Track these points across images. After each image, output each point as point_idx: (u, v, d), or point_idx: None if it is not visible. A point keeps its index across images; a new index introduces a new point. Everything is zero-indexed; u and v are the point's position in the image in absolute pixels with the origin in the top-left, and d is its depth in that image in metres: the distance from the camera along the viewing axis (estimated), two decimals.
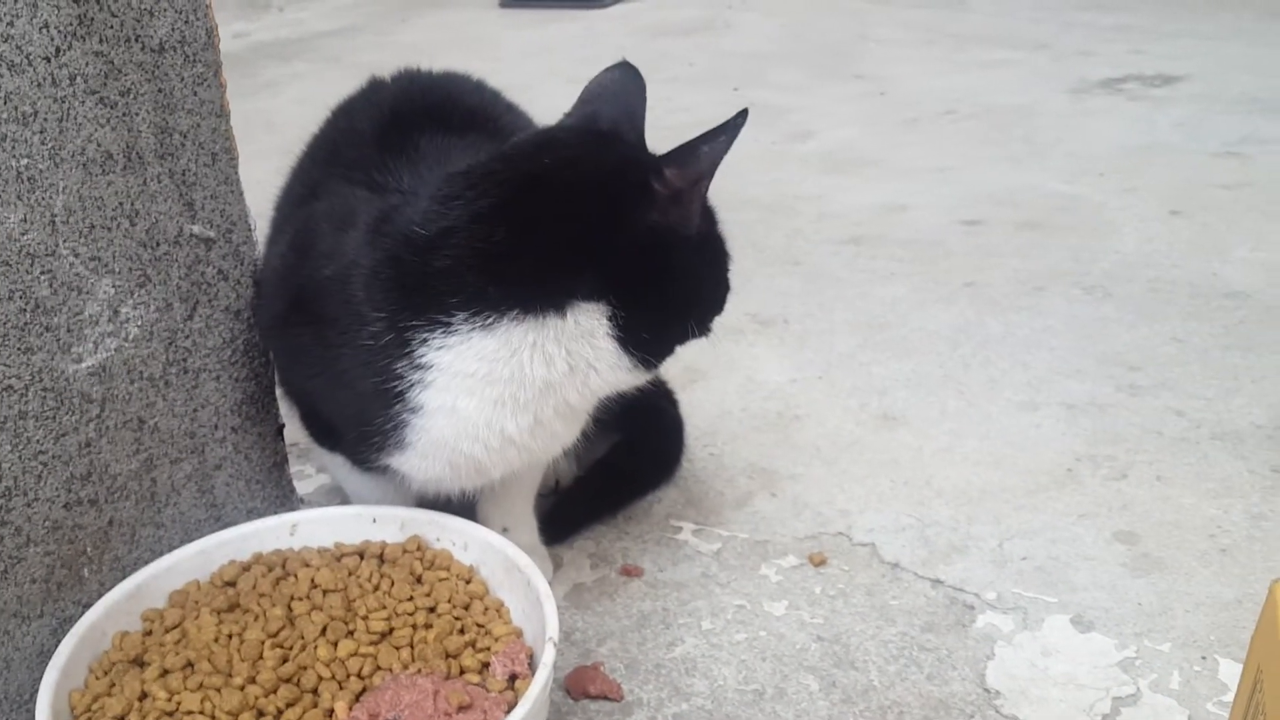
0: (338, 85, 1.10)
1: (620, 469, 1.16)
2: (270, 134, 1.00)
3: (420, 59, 1.14)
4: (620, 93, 0.90)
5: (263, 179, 1.04)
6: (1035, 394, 1.35)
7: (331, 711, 0.79)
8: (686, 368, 1.42)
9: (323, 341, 0.86)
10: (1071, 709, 0.89)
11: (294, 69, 3.18)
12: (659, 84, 2.90)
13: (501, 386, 0.82)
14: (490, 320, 0.80)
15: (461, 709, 0.79)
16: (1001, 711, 0.89)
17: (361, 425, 0.87)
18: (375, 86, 1.03)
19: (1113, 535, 1.09)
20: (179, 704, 0.80)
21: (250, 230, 0.96)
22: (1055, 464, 1.21)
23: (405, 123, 0.95)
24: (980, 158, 2.24)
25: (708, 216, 0.90)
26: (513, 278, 0.80)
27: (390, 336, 0.81)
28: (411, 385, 0.82)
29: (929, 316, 1.56)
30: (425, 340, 0.81)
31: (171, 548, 0.92)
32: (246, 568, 0.93)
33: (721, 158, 0.81)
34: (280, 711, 0.80)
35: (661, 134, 0.89)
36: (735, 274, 0.95)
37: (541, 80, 2.91)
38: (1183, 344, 1.45)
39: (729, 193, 0.81)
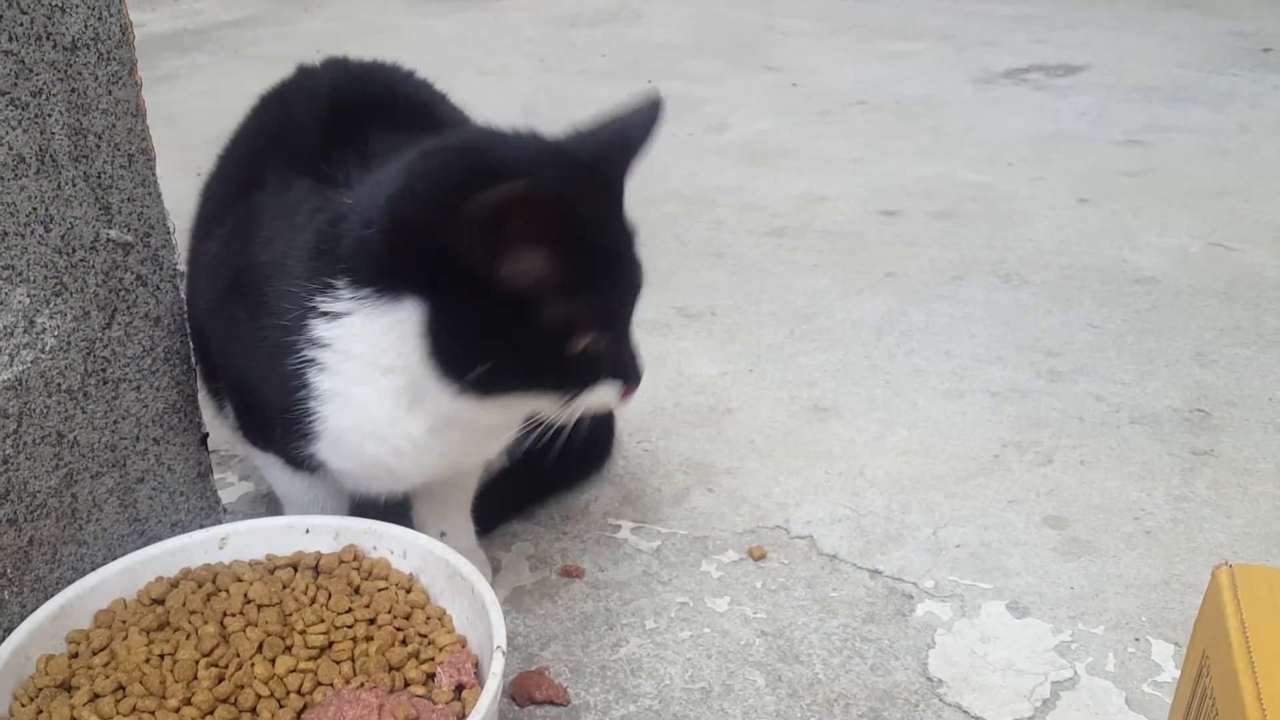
0: (239, 77, 1.08)
1: (548, 461, 1.15)
2: (171, 128, 0.96)
3: (325, 49, 1.11)
4: (631, 128, 0.88)
5: (165, 174, 1.00)
6: (959, 382, 1.38)
7: None
8: None
9: (255, 322, 0.85)
10: (1013, 695, 0.90)
11: (193, 60, 3.08)
12: (571, 76, 2.91)
13: (393, 378, 0.81)
14: (365, 297, 0.79)
15: None
16: (945, 700, 0.90)
17: (283, 412, 0.85)
18: (307, 75, 1.00)
19: (1042, 520, 1.11)
20: None
21: (169, 233, 0.93)
22: (982, 451, 1.23)
23: (347, 113, 0.92)
24: (893, 148, 2.27)
25: (552, 289, 0.78)
26: (383, 262, 0.79)
27: (296, 313, 0.81)
28: (311, 365, 0.82)
29: (853, 307, 1.58)
30: (321, 314, 0.80)
31: (95, 566, 0.89)
32: (175, 584, 0.89)
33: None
34: None
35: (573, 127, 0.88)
36: (660, 269, 0.95)
37: (453, 72, 2.86)
38: (1098, 330, 1.49)
39: (651, 186, 0.81)
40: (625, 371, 0.88)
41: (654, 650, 0.97)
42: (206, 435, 1.00)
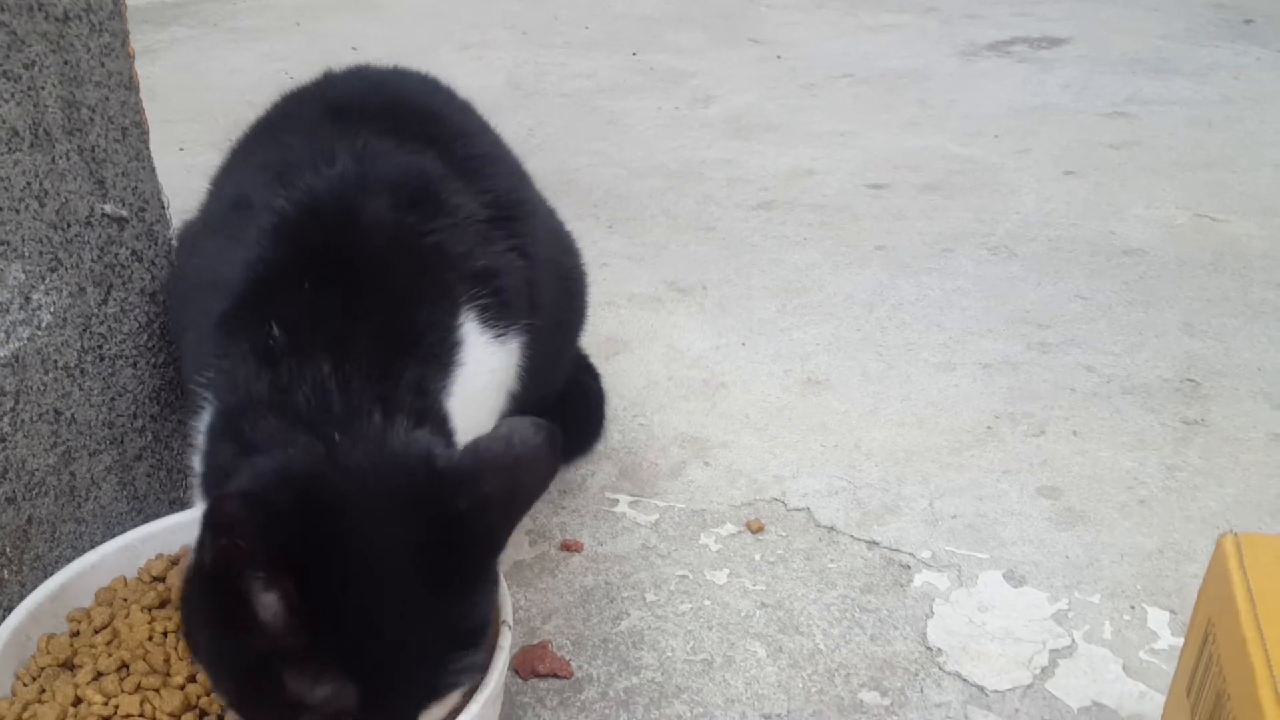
0: (218, 51, 1.06)
1: None
2: (151, 102, 0.94)
3: (306, 23, 1.10)
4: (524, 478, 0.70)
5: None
6: (951, 354, 1.38)
7: None
8: (609, 338, 1.41)
9: None
10: (1011, 663, 0.91)
11: (172, 34, 3.04)
12: (555, 49, 2.89)
13: None
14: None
15: None
16: (945, 669, 0.91)
17: None
18: (328, 80, 0.97)
19: (1036, 490, 1.12)
20: (116, 708, 0.76)
21: (163, 208, 0.92)
22: (976, 422, 1.24)
23: (344, 121, 0.87)
24: (879, 121, 2.27)
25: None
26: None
27: None
28: None
29: (843, 280, 1.58)
30: None
31: (94, 544, 0.88)
32: (175, 561, 0.89)
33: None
34: (223, 710, 0.78)
35: (560, 101, 0.88)
36: (650, 243, 0.93)
37: (435, 46, 2.85)
38: (1087, 301, 1.49)
39: (638, 159, 0.80)
40: None
41: (655, 623, 0.97)
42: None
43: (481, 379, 0.81)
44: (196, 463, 0.75)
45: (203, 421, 0.75)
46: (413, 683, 0.67)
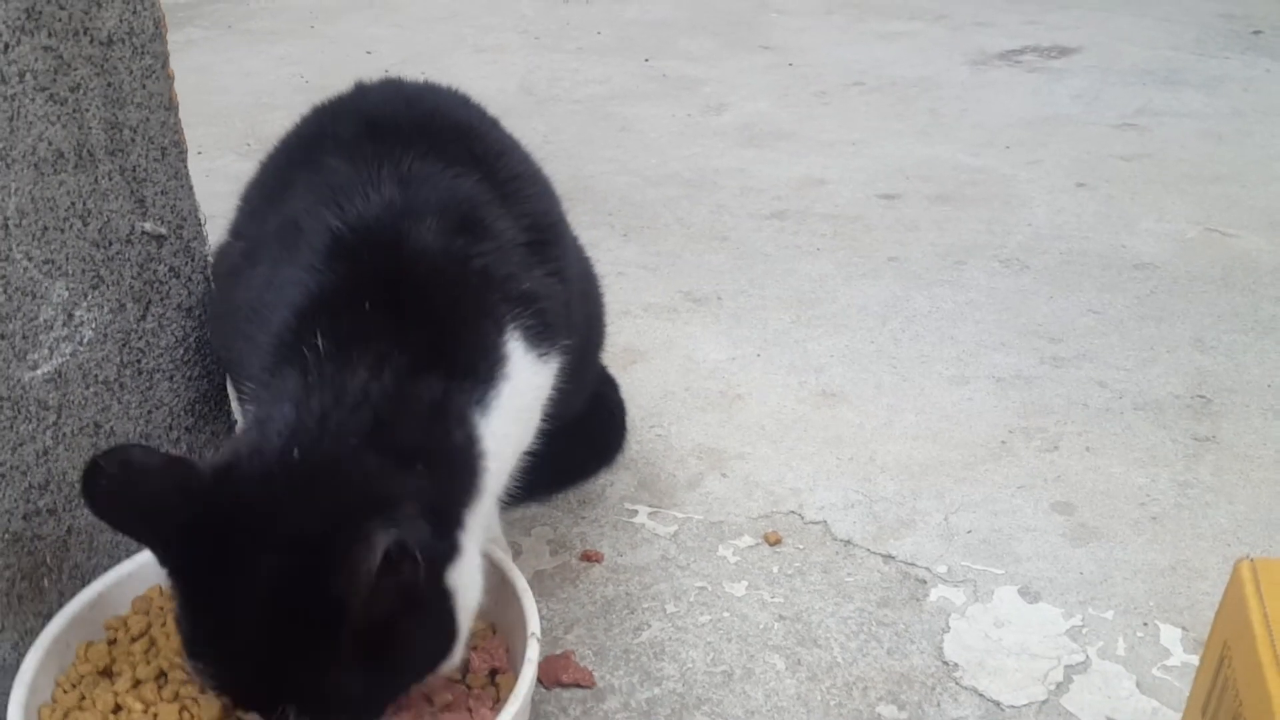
0: (233, 53, 1.07)
1: (558, 452, 1.16)
2: None
3: (320, 25, 1.11)
4: None
5: None
6: (964, 368, 1.40)
7: None
8: (626, 348, 1.43)
9: None
10: (1027, 679, 0.93)
11: (187, 35, 3.06)
12: (568, 54, 2.91)
13: None
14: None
15: (446, 709, 0.80)
16: (961, 683, 0.93)
17: None
18: (360, 92, 0.98)
19: (1050, 506, 1.14)
20: (156, 715, 0.78)
21: (200, 225, 0.94)
22: (990, 437, 1.26)
23: (379, 138, 0.89)
24: (890, 130, 2.29)
25: None
26: None
27: None
28: None
29: (857, 291, 1.60)
30: None
31: (130, 553, 0.90)
32: None
33: None
34: None
35: (572, 107, 0.89)
36: (664, 252, 0.94)
37: (449, 50, 2.87)
38: (1099, 315, 1.51)
39: (651, 167, 0.81)
40: None
41: (675, 634, 0.99)
42: (236, 423, 1.01)
43: (527, 396, 0.84)
44: None
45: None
46: (257, 704, 0.70)
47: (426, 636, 0.71)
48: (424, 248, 0.80)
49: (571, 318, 0.91)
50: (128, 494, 0.67)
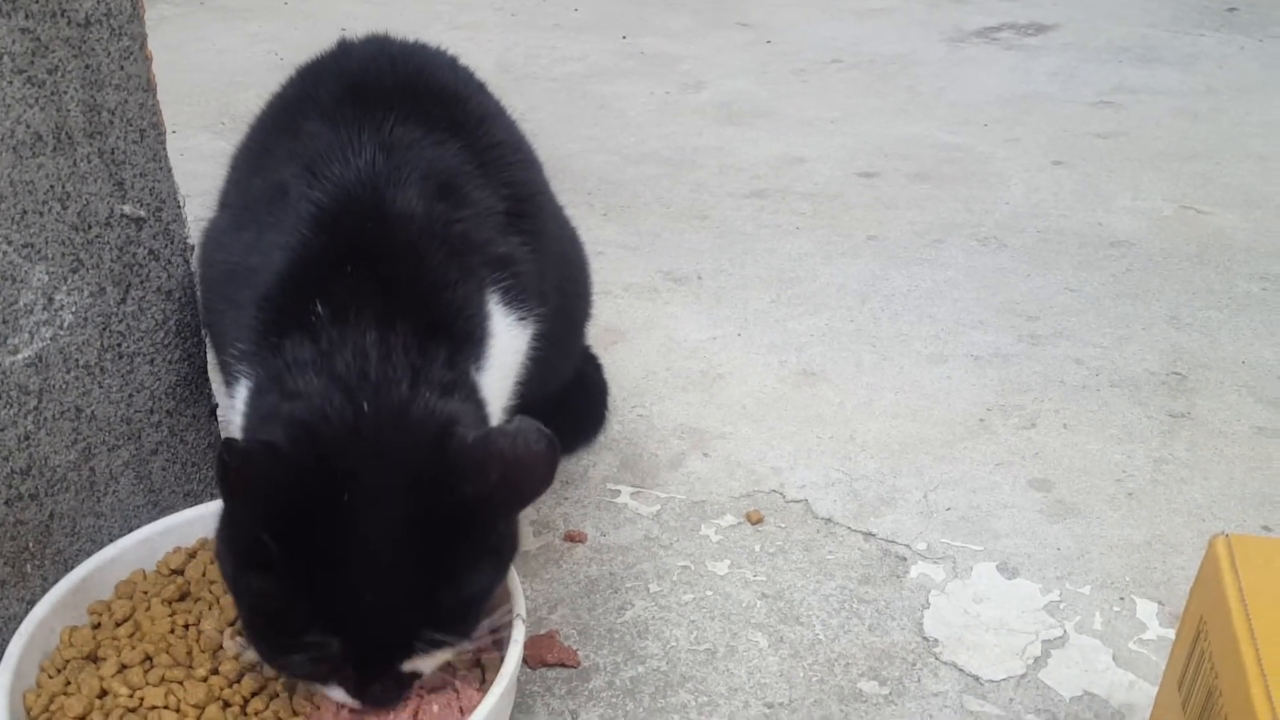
0: (206, 30, 1.06)
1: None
2: None
3: (294, 1, 1.09)
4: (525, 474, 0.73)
5: None
6: (943, 346, 1.41)
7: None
8: (606, 328, 1.43)
9: None
10: (1005, 653, 0.95)
11: (158, 12, 3.02)
12: (545, 31, 2.89)
13: None
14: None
15: (433, 690, 0.80)
16: (941, 659, 0.94)
17: None
18: (343, 51, 0.97)
19: (1028, 483, 1.15)
20: (142, 699, 0.78)
21: (180, 207, 0.93)
22: (968, 415, 1.27)
23: (366, 98, 0.89)
24: (869, 108, 2.29)
25: None
26: None
27: None
28: None
29: (836, 270, 1.60)
30: None
31: (112, 538, 0.90)
32: (193, 554, 0.91)
33: None
34: (246, 700, 0.80)
35: (551, 85, 0.89)
36: (645, 231, 0.94)
37: (424, 27, 2.84)
38: (1076, 293, 1.52)
39: (630, 145, 0.80)
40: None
41: (659, 613, 1.00)
42: (216, 407, 1.01)
43: (505, 356, 0.85)
44: (238, 425, 0.79)
45: (239, 395, 0.79)
46: (390, 645, 0.72)
47: (514, 532, 0.78)
48: (409, 213, 0.81)
49: (545, 288, 0.92)
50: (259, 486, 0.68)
